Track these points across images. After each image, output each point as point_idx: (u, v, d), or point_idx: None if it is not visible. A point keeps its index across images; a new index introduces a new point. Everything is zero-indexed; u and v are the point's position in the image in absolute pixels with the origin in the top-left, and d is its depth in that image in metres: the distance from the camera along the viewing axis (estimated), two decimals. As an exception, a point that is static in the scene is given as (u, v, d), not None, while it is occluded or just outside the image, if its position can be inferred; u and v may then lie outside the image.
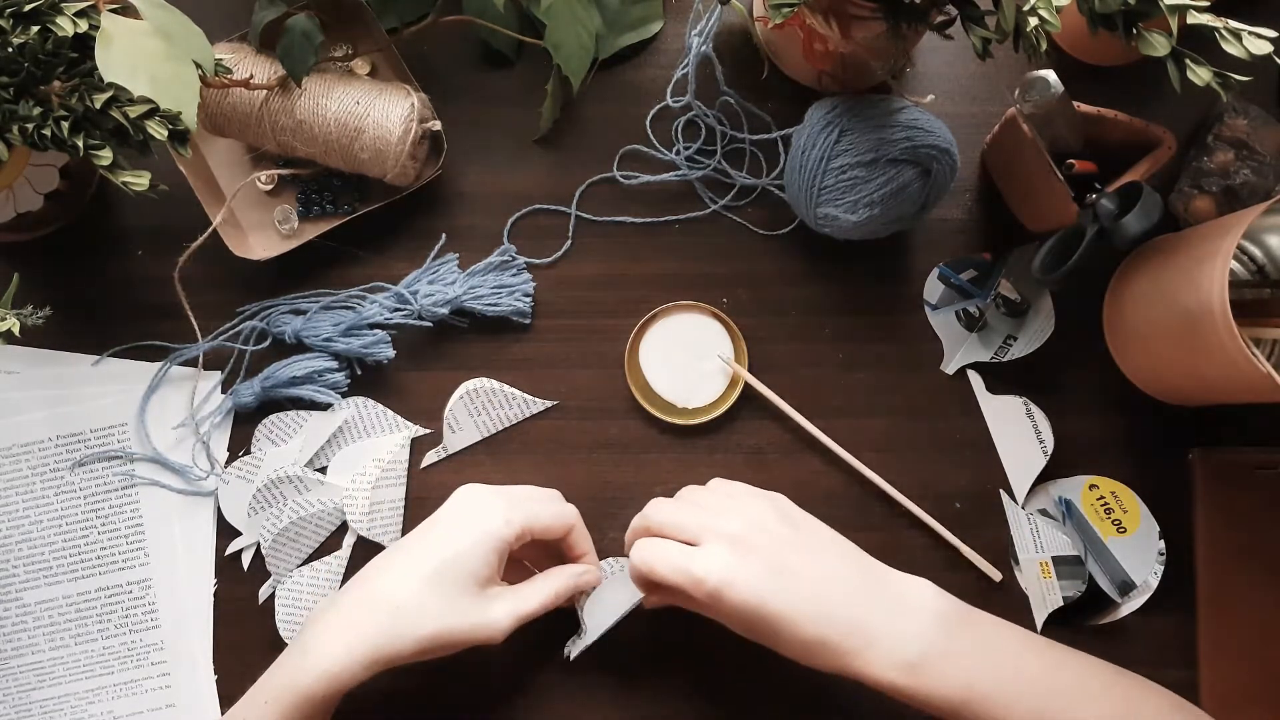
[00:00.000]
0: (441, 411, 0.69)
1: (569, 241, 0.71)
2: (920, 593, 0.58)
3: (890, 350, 0.71)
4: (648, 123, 0.72)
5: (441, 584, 0.57)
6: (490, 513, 0.60)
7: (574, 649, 0.66)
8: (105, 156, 0.53)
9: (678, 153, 0.71)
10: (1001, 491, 0.69)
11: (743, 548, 0.56)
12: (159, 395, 0.70)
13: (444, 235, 0.71)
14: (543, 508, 0.62)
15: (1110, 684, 0.58)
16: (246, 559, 0.69)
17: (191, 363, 0.70)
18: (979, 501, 0.69)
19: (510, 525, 0.59)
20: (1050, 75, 0.61)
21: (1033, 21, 0.52)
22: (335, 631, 0.57)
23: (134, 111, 0.52)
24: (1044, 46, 0.52)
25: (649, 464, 0.70)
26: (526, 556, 0.65)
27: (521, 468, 0.69)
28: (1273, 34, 0.51)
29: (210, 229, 0.66)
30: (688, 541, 0.58)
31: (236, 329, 0.70)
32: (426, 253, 0.71)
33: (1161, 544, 0.68)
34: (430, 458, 0.70)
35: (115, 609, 0.69)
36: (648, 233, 0.72)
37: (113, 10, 0.53)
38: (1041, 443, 0.69)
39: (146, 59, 0.52)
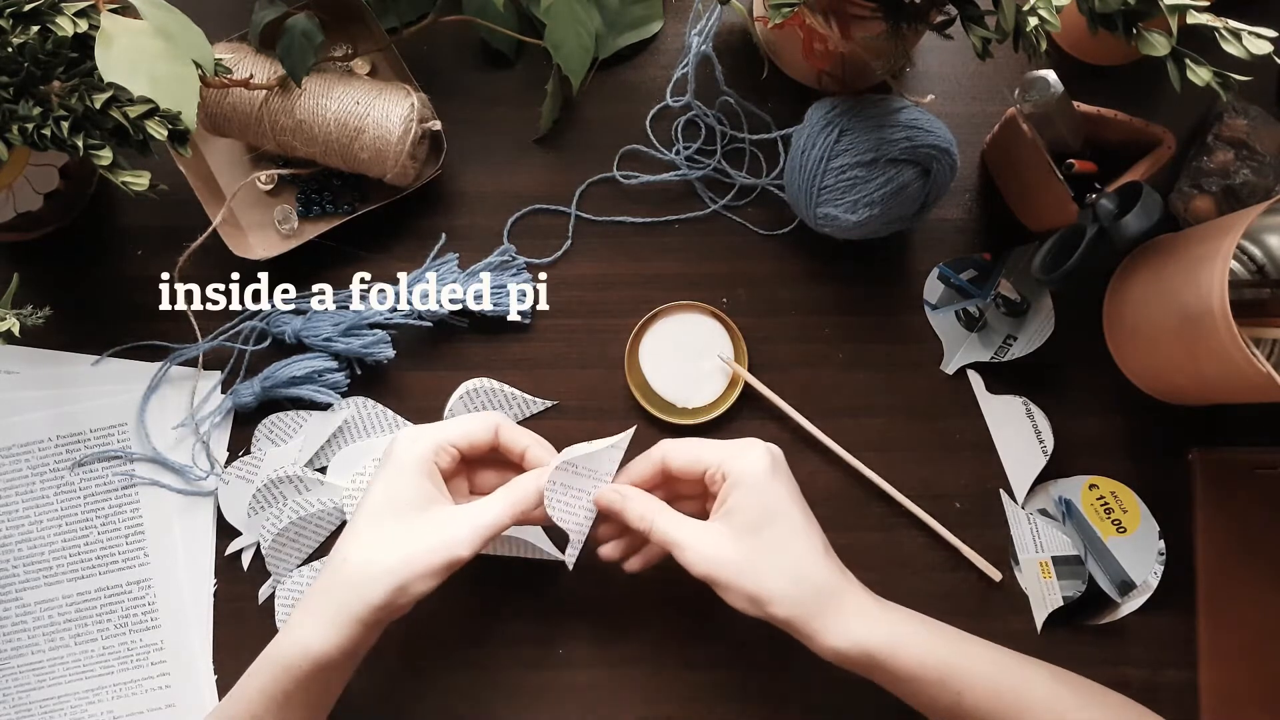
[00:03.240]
0: (441, 411, 0.69)
1: (569, 241, 0.71)
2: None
3: (890, 350, 0.71)
4: (648, 123, 0.72)
5: (380, 522, 0.57)
6: (398, 443, 0.60)
7: (570, 557, 0.62)
8: (105, 156, 0.53)
9: (677, 153, 0.71)
10: (1001, 491, 0.69)
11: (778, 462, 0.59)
12: (159, 395, 0.70)
13: (444, 235, 0.71)
14: (453, 420, 0.62)
15: (1094, 690, 0.59)
16: (246, 559, 0.69)
17: (191, 363, 0.70)
18: (979, 501, 0.69)
19: (417, 442, 0.59)
20: (1050, 75, 0.61)
21: (1033, 21, 0.52)
22: (304, 604, 0.57)
23: (134, 111, 0.52)
24: (1044, 46, 0.52)
25: (649, 464, 0.69)
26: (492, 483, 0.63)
27: (521, 468, 0.69)
28: (1272, 34, 0.51)
29: (210, 229, 0.66)
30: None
31: (236, 329, 0.70)
32: (426, 253, 0.71)
33: (1161, 544, 0.68)
34: (430, 458, 0.70)
35: (115, 609, 0.69)
36: (648, 233, 0.72)
37: (113, 10, 0.53)
38: (1041, 443, 0.69)
39: (146, 59, 0.52)
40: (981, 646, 0.58)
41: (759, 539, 0.57)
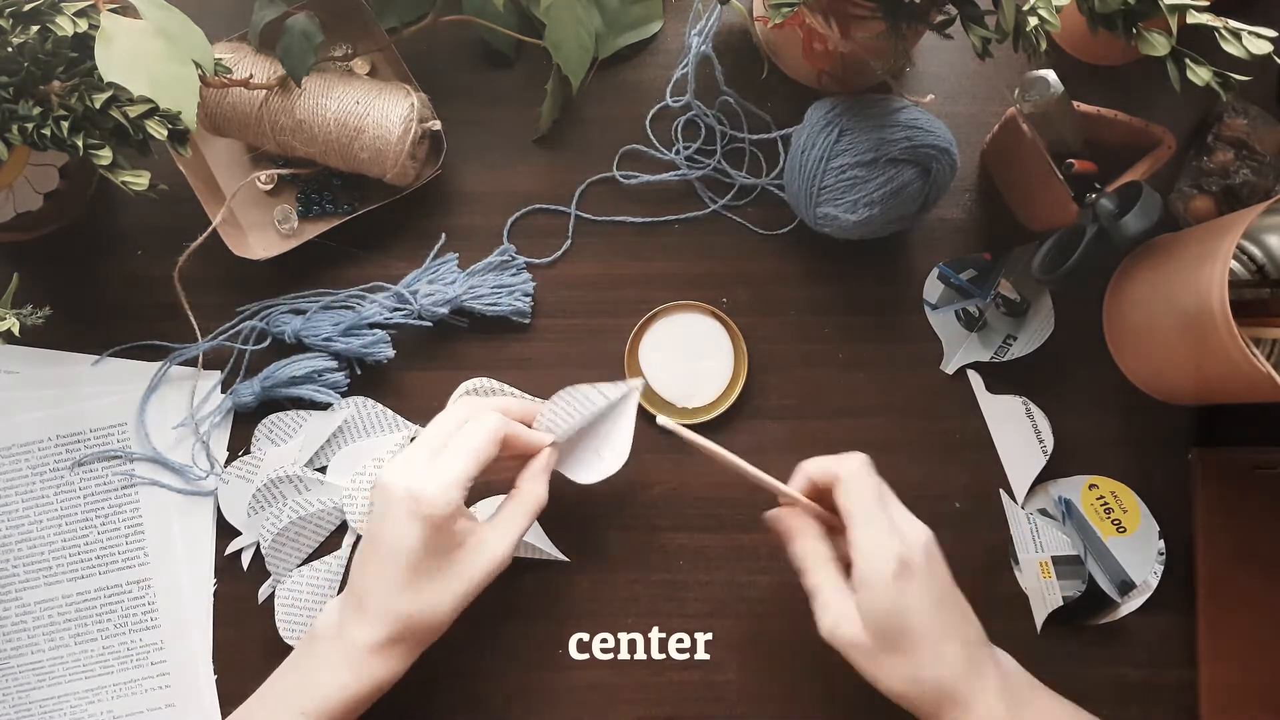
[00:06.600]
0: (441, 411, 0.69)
1: (569, 241, 0.71)
2: (1008, 669, 0.58)
3: (890, 350, 0.71)
4: (647, 122, 0.72)
5: (416, 584, 0.57)
6: (415, 513, 0.57)
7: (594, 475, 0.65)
8: (105, 156, 0.53)
9: (677, 152, 0.71)
10: (1001, 491, 0.69)
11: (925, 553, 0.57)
12: (159, 395, 0.70)
13: (444, 235, 0.71)
14: (461, 454, 0.58)
15: None
16: (246, 559, 0.69)
17: (191, 362, 0.70)
18: (979, 501, 0.69)
19: (434, 504, 0.56)
20: (1050, 75, 0.61)
21: (1033, 21, 0.52)
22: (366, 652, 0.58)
23: (134, 111, 0.52)
24: (1044, 46, 0.52)
25: (648, 464, 0.69)
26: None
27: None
28: (1272, 34, 0.51)
29: (210, 229, 0.66)
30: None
31: (236, 329, 0.70)
32: (426, 253, 0.71)
33: (1161, 544, 0.68)
34: (430, 458, 0.70)
35: (115, 609, 0.69)
36: (648, 233, 0.72)
37: (113, 10, 0.53)
38: (1041, 443, 0.69)
39: (146, 59, 0.52)
40: None
41: (885, 639, 0.55)
